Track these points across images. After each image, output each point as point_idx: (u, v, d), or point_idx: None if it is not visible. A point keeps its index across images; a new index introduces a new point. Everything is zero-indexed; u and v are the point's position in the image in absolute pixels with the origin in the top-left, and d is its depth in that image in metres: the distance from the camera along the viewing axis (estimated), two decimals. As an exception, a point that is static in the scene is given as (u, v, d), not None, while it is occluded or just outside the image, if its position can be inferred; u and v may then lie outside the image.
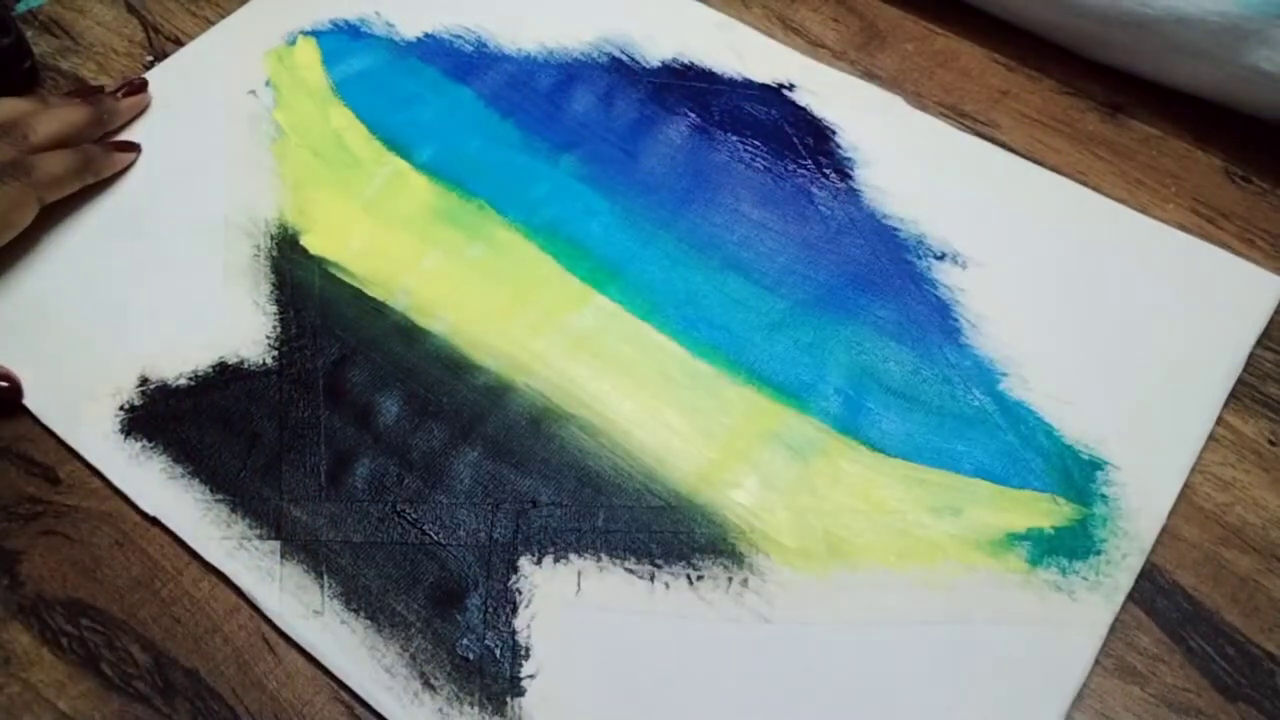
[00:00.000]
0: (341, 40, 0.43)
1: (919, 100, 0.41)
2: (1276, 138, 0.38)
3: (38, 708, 0.29)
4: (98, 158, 0.39)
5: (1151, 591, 0.30)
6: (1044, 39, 0.42)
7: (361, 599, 0.30)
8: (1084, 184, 0.38)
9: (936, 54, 0.43)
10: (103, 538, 0.32)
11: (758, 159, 0.39)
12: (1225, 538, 0.31)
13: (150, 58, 0.44)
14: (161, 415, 0.34)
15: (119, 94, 0.41)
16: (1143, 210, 0.38)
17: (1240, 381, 0.34)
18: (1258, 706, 0.28)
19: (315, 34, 0.43)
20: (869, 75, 0.42)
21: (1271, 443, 0.33)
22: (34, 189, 0.36)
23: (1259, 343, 0.34)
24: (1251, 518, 0.31)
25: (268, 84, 0.42)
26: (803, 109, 0.41)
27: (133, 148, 0.40)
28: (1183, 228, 0.37)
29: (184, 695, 0.30)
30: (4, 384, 0.34)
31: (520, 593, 0.31)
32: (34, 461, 0.34)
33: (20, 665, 0.30)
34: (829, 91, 0.41)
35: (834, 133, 0.40)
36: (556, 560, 0.31)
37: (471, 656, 0.29)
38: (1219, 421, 0.33)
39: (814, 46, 0.43)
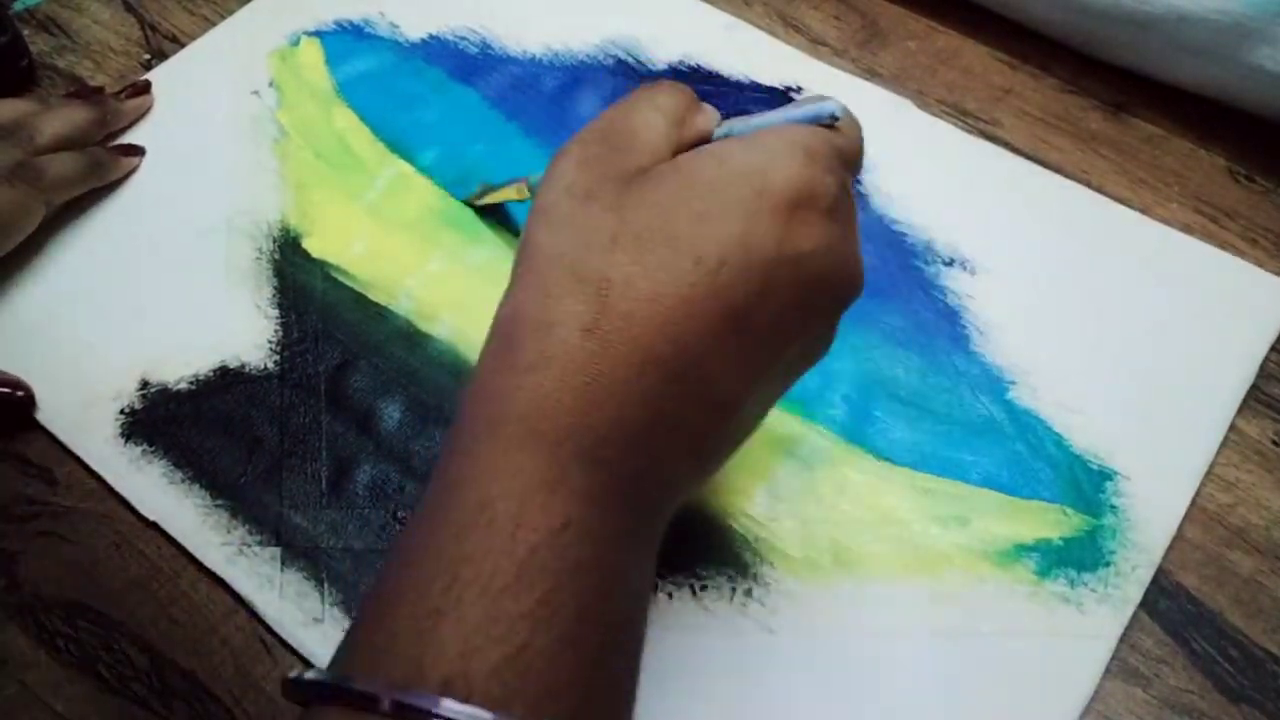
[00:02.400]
0: (345, 41, 0.43)
1: (921, 98, 0.41)
2: (1279, 136, 0.38)
3: (34, 709, 0.29)
4: (105, 162, 0.38)
5: (1154, 593, 0.30)
6: (1046, 37, 0.42)
7: (362, 607, 0.30)
8: (1088, 184, 0.38)
9: (938, 52, 0.42)
10: (100, 539, 0.32)
11: (764, 163, 0.39)
12: (1228, 539, 0.31)
13: (148, 56, 0.44)
14: (162, 419, 0.34)
15: (122, 95, 0.40)
16: (1146, 209, 0.37)
17: (1244, 383, 0.33)
18: (1260, 708, 0.28)
19: (319, 34, 0.43)
20: (871, 73, 0.42)
21: (1275, 443, 0.32)
22: (42, 193, 0.36)
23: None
24: (1255, 519, 0.31)
25: (271, 85, 0.42)
26: (810, 113, 0.40)
27: (138, 151, 0.40)
28: (1186, 227, 0.37)
29: (181, 697, 0.29)
30: (19, 393, 0.34)
31: (522, 601, 0.30)
32: (31, 462, 0.33)
33: (17, 667, 0.30)
34: (837, 94, 0.40)
35: (841, 137, 0.39)
36: (559, 569, 0.31)
37: (472, 666, 0.29)
38: (1223, 424, 0.33)
39: (815, 44, 0.43)
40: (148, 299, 0.36)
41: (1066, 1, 0.39)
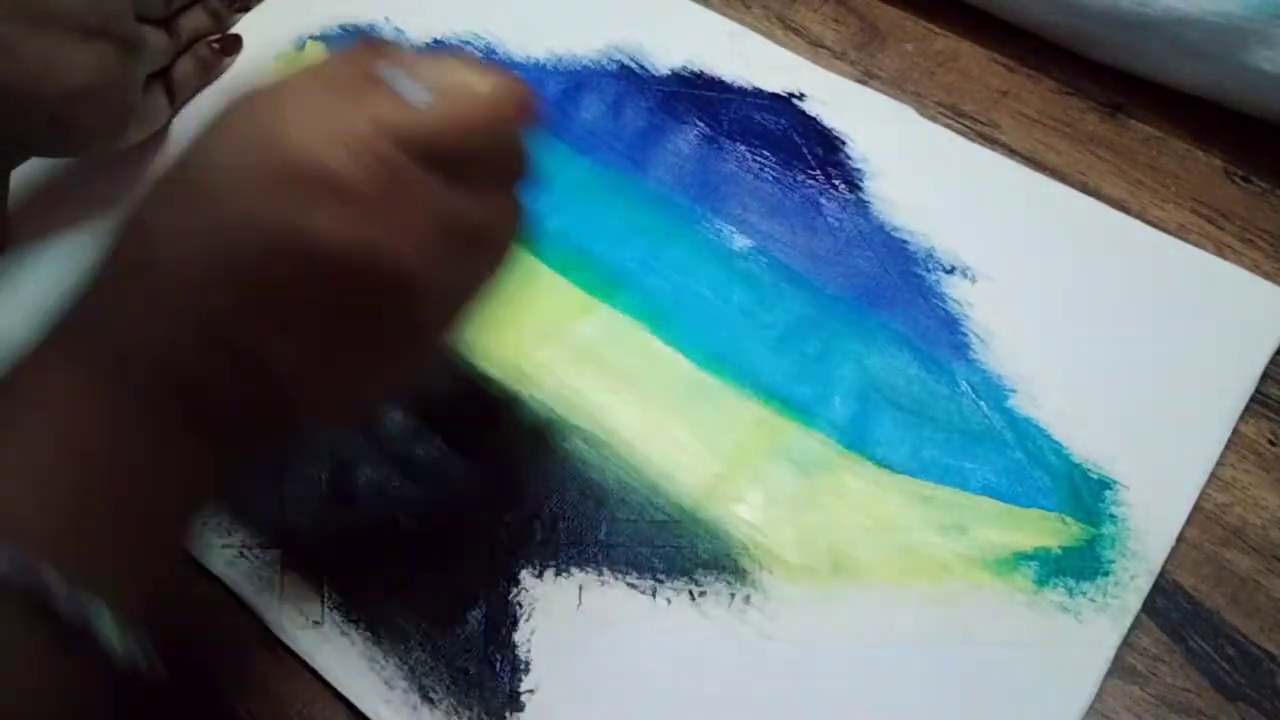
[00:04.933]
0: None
1: (919, 100, 0.41)
2: (1277, 138, 0.38)
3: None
4: (211, 62, 0.41)
5: (1152, 592, 0.30)
6: (1044, 39, 0.42)
7: (361, 610, 0.30)
8: (1085, 185, 0.38)
9: (936, 54, 0.42)
10: (104, 542, 0.32)
11: (766, 169, 0.39)
12: (1225, 538, 0.31)
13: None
14: (164, 421, 0.34)
15: (233, 6, 0.43)
16: (1143, 210, 0.37)
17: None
18: (1258, 707, 0.28)
19: (324, 39, 0.43)
20: (869, 75, 0.42)
21: (1272, 443, 0.32)
22: (173, 98, 0.39)
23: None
24: (1252, 518, 0.31)
25: (276, 88, 0.42)
26: (812, 119, 0.40)
27: (238, 45, 0.42)
28: (1182, 228, 0.37)
29: (184, 694, 0.29)
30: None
31: (521, 606, 0.30)
32: (37, 465, 0.34)
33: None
34: (839, 101, 0.41)
35: (843, 143, 0.40)
36: (558, 574, 0.31)
37: (471, 670, 0.29)
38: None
39: (813, 47, 0.43)
40: (152, 301, 0.37)
41: (1064, 4, 0.39)
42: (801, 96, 0.41)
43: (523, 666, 0.29)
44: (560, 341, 0.35)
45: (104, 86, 0.33)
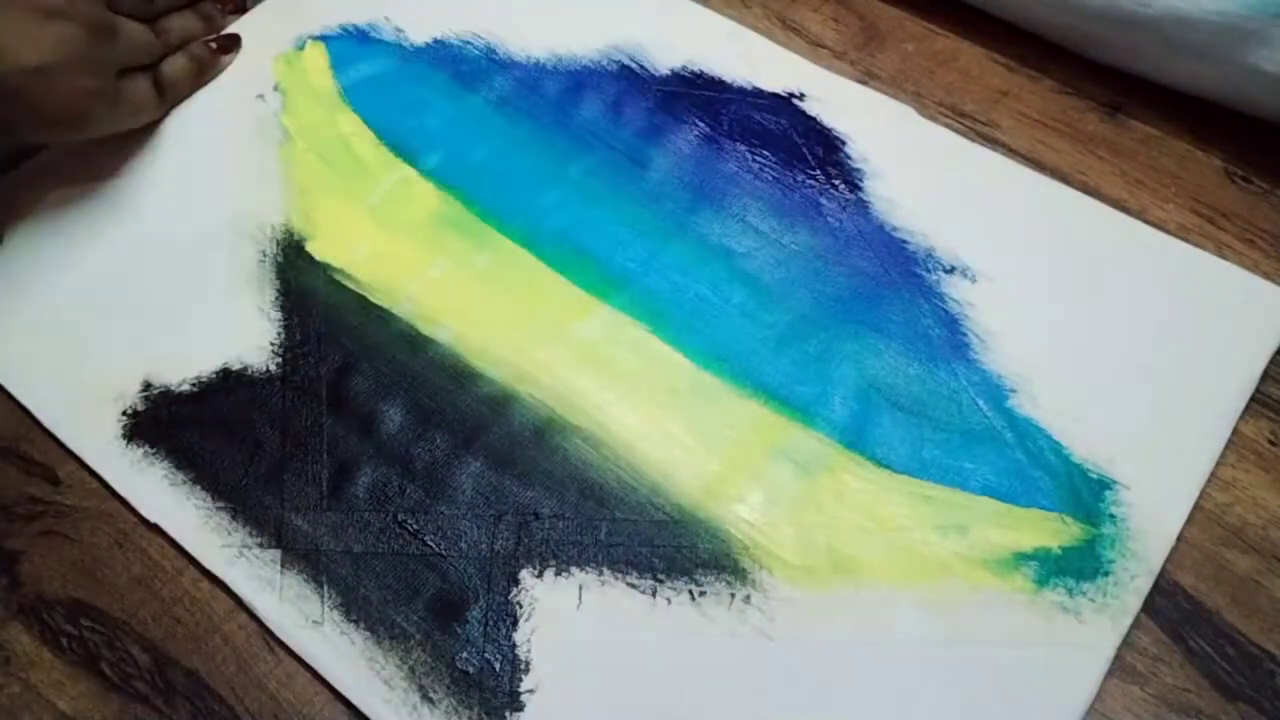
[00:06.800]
0: (350, 45, 0.43)
1: (919, 100, 0.41)
2: (1277, 138, 0.38)
3: (37, 707, 0.30)
4: (207, 61, 0.41)
5: (1152, 591, 0.30)
6: (1044, 39, 0.42)
7: (361, 610, 0.30)
8: (1085, 185, 0.38)
9: (936, 54, 0.42)
10: (103, 538, 0.32)
11: (766, 169, 0.39)
12: (1225, 538, 0.31)
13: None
14: (164, 421, 0.34)
15: (225, 9, 0.43)
16: (1143, 210, 0.37)
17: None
18: (1258, 706, 0.28)
19: (324, 39, 0.43)
20: (869, 75, 0.42)
21: (1272, 443, 0.33)
22: (163, 96, 0.40)
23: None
24: (1252, 518, 0.31)
25: (276, 88, 0.42)
26: (812, 119, 0.40)
27: (235, 43, 0.42)
28: (1182, 228, 0.37)
29: (184, 695, 0.30)
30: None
31: (521, 606, 0.30)
32: (34, 461, 0.34)
33: (20, 665, 0.30)
34: (839, 101, 0.41)
35: (843, 143, 0.40)
36: (558, 574, 0.31)
37: (471, 670, 0.29)
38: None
39: (814, 46, 0.43)
40: (151, 301, 0.37)
41: (1064, 3, 0.39)
42: (801, 96, 0.41)
43: (523, 666, 0.29)
44: (561, 341, 0.35)
45: (64, 64, 0.34)
